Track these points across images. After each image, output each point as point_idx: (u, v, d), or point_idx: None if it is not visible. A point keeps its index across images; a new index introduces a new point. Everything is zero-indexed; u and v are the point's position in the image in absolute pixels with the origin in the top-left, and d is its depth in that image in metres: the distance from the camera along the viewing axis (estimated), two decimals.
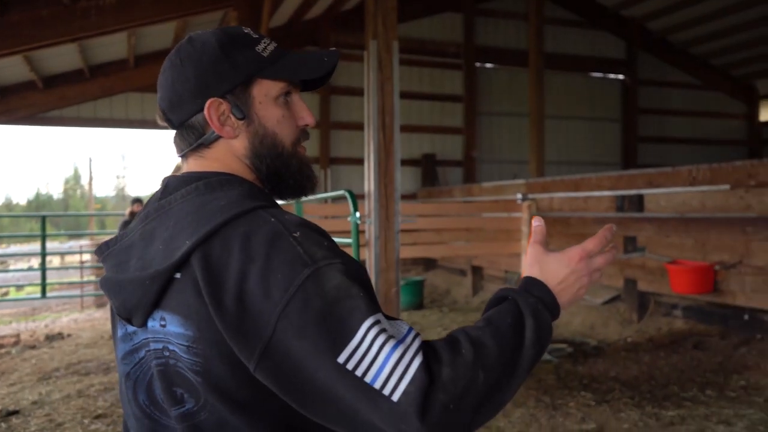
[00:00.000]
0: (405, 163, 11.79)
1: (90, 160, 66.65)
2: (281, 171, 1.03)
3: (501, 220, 8.62)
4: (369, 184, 3.44)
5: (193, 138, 1.01)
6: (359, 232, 3.69)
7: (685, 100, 14.21)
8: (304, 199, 3.96)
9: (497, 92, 12.54)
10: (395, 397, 0.76)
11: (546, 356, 5.63)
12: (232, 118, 1.00)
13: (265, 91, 1.01)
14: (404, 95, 11.71)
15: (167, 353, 0.91)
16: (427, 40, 11.97)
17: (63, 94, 9.22)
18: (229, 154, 1.01)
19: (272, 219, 0.89)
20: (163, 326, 0.90)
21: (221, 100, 0.99)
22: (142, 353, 0.96)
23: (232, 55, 0.99)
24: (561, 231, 7.62)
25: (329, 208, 7.65)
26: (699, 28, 12.75)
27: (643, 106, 13.63)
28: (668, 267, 5.77)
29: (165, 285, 0.89)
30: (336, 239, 3.88)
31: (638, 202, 6.45)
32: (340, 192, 3.67)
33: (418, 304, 8.75)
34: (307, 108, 1.06)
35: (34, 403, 4.89)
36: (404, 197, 11.67)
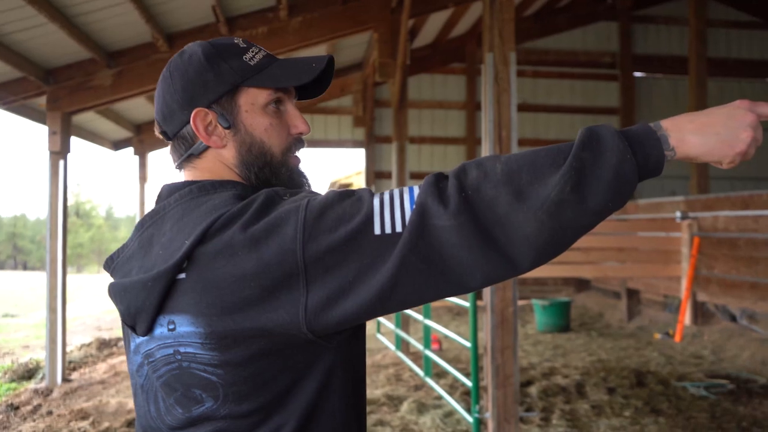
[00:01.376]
0: None
1: None
2: (271, 180, 1.02)
3: (658, 240, 7.98)
4: None
5: (183, 149, 1.03)
6: None
7: None
8: None
9: (658, 103, 11.65)
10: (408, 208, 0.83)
11: (701, 392, 5.06)
12: (219, 127, 1.00)
13: (251, 100, 1.01)
14: (555, 109, 11.42)
15: (179, 356, 0.91)
16: (579, 51, 11.47)
17: None
18: (219, 163, 1.02)
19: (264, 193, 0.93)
20: (172, 330, 0.91)
21: (207, 110, 1.00)
22: (150, 363, 0.97)
23: (217, 65, 1.00)
24: (727, 254, 6.85)
25: None
26: None
27: None
28: None
29: (168, 286, 0.90)
30: None
31: None
32: None
33: (564, 327, 8.32)
34: (300, 116, 1.05)
35: None
36: None
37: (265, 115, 1.02)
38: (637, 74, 11.58)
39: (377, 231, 0.83)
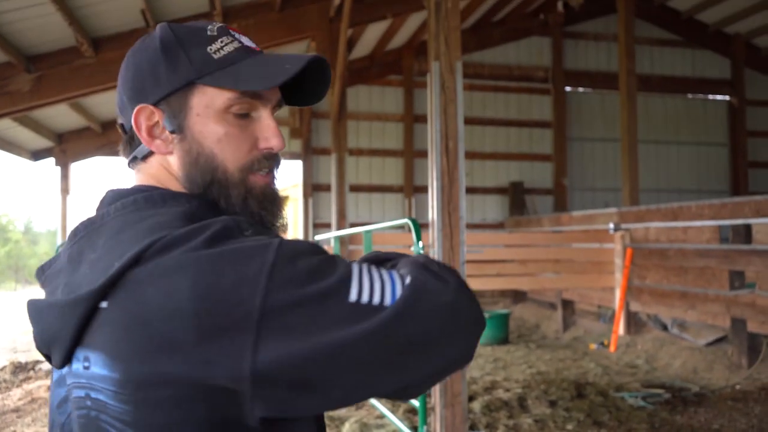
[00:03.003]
0: (492, 191, 11.50)
1: None
2: (218, 201, 0.84)
3: (592, 252, 8.14)
4: (432, 212, 3.24)
5: (130, 148, 0.89)
6: None
7: None
8: (368, 228, 3.71)
9: (588, 117, 12.00)
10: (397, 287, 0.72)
11: (639, 402, 5.13)
12: (166, 131, 0.84)
13: (206, 102, 0.83)
14: (490, 122, 11.57)
15: (89, 402, 0.74)
16: (513, 65, 11.68)
17: None
18: (164, 171, 0.86)
19: (216, 226, 0.75)
20: (87, 368, 0.74)
21: (153, 108, 0.84)
22: (69, 402, 0.79)
23: (174, 55, 0.83)
24: (658, 264, 7.04)
25: (393, 237, 7.49)
26: None
27: (752, 129, 12.58)
28: None
29: (88, 316, 0.72)
30: None
31: (745, 233, 5.83)
32: (404, 221, 3.50)
33: (503, 339, 8.35)
34: (275, 128, 0.86)
35: None
36: (491, 226, 11.38)
37: (222, 122, 0.83)
38: (568, 88, 11.89)
39: (353, 298, 0.69)
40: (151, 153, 0.87)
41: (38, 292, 0.84)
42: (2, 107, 5.90)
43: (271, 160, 0.87)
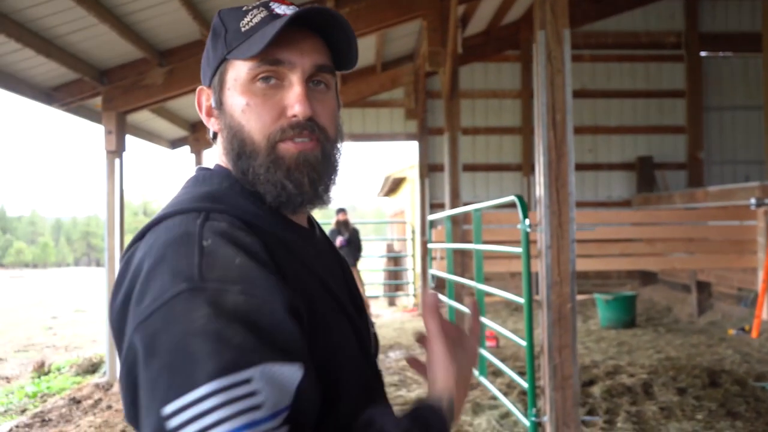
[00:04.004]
0: (617, 167, 10.91)
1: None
2: (253, 172, 0.83)
3: (731, 229, 7.51)
4: (539, 188, 3.12)
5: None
6: (530, 242, 3.38)
7: None
8: (476, 206, 3.66)
9: (728, 84, 10.96)
10: None
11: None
12: (215, 109, 0.88)
13: (235, 75, 0.84)
14: (615, 94, 10.93)
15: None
16: (641, 32, 10.90)
17: None
18: (221, 150, 0.90)
19: (197, 221, 0.76)
20: None
21: (207, 89, 0.89)
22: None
23: (218, 36, 0.87)
24: None
25: (502, 216, 7.27)
26: None
27: None
28: None
29: None
30: (507, 249, 3.58)
31: None
32: (510, 198, 3.40)
33: (629, 322, 7.94)
34: (300, 94, 0.82)
35: None
36: (617, 204, 10.79)
37: (246, 92, 0.83)
38: (704, 53, 10.93)
39: (166, 412, 0.62)
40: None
41: None
42: (141, 99, 6.41)
43: (299, 127, 0.83)
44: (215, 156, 0.91)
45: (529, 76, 10.74)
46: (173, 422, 0.61)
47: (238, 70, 0.84)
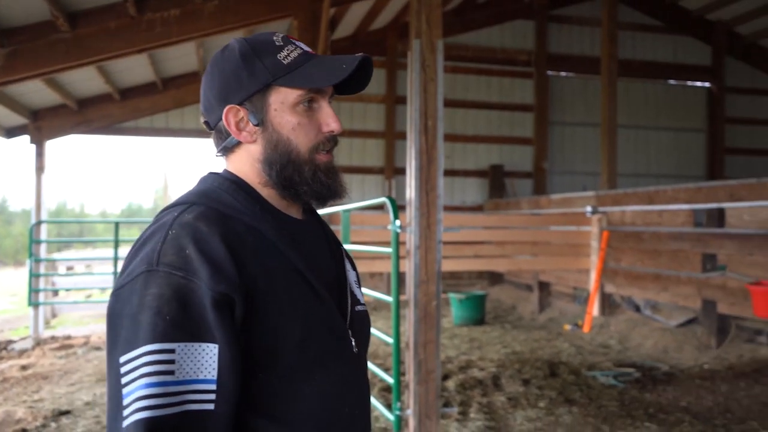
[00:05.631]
0: (472, 174, 11.55)
1: (165, 170, 69.51)
2: (293, 177, 1.06)
3: (569, 234, 8.24)
4: (410, 191, 3.26)
5: (220, 141, 1.10)
6: (401, 242, 3.51)
7: None
8: (345, 207, 3.72)
9: (570, 101, 12.06)
10: (124, 423, 0.83)
11: (610, 380, 5.24)
12: (250, 124, 1.06)
13: (281, 99, 1.04)
14: (472, 105, 11.58)
15: None
16: (497, 48, 11.67)
17: (137, 105, 9.54)
18: (245, 158, 1.08)
19: (176, 213, 0.98)
20: None
21: (239, 107, 1.05)
22: None
23: (251, 63, 1.04)
24: (634, 246, 7.16)
25: (371, 217, 7.49)
26: None
27: (731, 116, 12.73)
28: (751, 288, 5.26)
29: None
30: (377, 249, 3.68)
31: (719, 217, 5.94)
32: (382, 200, 3.52)
33: (479, 320, 8.45)
34: (333, 114, 1.08)
35: (87, 403, 4.98)
36: (470, 209, 11.43)
37: (294, 113, 1.05)
38: (550, 72, 11.92)
39: (121, 360, 0.87)
40: (238, 144, 1.08)
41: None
42: None
43: (332, 141, 1.09)
44: (229, 165, 1.11)
45: (394, 82, 11.08)
46: (123, 368, 0.86)
47: (285, 95, 1.04)
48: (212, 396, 0.86)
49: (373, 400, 4.08)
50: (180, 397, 0.84)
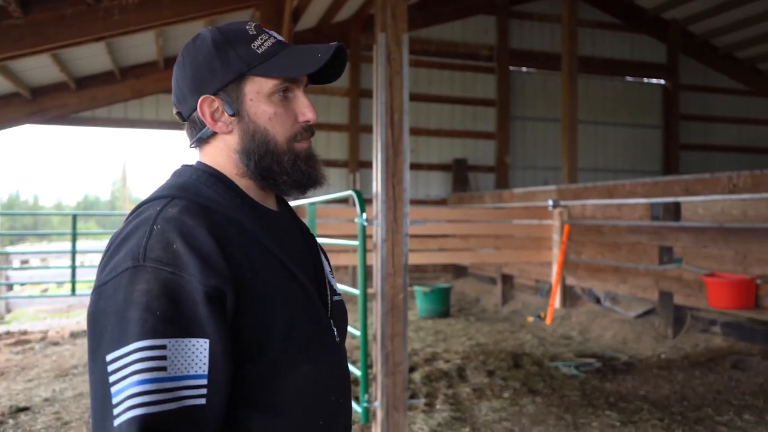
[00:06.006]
0: (435, 168, 11.60)
1: (124, 162, 68.02)
2: (272, 167, 1.05)
3: (531, 228, 8.35)
4: (376, 184, 3.26)
5: (194, 132, 1.08)
6: (367, 235, 3.51)
7: (731, 106, 13.60)
8: (311, 200, 3.69)
9: (531, 96, 12.22)
10: (116, 422, 0.82)
11: (572, 371, 5.35)
12: (226, 114, 1.04)
13: (257, 88, 1.03)
14: (435, 99, 11.62)
15: None
16: (459, 42, 11.74)
17: (94, 95, 9.29)
18: (221, 149, 1.07)
19: (158, 207, 0.96)
20: None
21: (214, 97, 1.04)
22: None
23: (225, 53, 1.02)
24: (594, 240, 7.30)
25: (337, 211, 7.47)
26: (745, 30, 12.20)
27: (685, 113, 13.11)
28: (706, 280, 5.43)
29: None
30: (344, 242, 3.68)
31: (675, 210, 6.10)
32: (348, 193, 3.50)
33: (444, 312, 8.52)
34: (308, 104, 1.07)
35: (46, 400, 4.85)
36: (434, 203, 11.49)
37: (270, 103, 1.04)
38: (512, 68, 12.05)
39: (108, 358, 0.85)
40: (213, 135, 1.07)
41: None
42: None
43: (309, 130, 1.09)
44: (203, 156, 1.09)
45: (358, 75, 11.04)
46: (111, 366, 0.84)
47: (260, 85, 1.03)
48: (204, 391, 0.85)
49: None
50: (173, 393, 0.83)
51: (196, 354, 0.85)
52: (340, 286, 4.05)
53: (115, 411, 0.82)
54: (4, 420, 4.36)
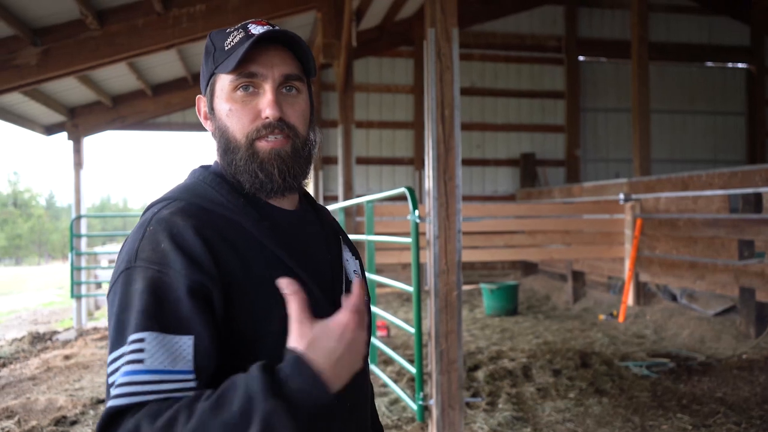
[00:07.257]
0: (503, 163, 11.42)
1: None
2: (233, 165, 1.04)
3: (602, 222, 8.09)
4: (428, 181, 3.24)
5: None
6: (419, 233, 3.50)
7: None
8: (368, 198, 3.70)
9: (602, 87, 11.81)
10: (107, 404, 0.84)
11: (643, 371, 5.14)
12: (209, 113, 1.09)
13: (221, 85, 1.05)
14: (502, 93, 11.44)
15: None
16: (526, 34, 11.49)
17: (169, 101, 9.69)
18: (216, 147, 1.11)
19: (155, 210, 0.99)
20: None
21: (203, 97, 1.10)
22: None
23: (209, 54, 1.07)
24: (668, 234, 6.98)
25: (393, 208, 7.44)
26: None
27: None
28: None
29: None
30: (397, 240, 3.66)
31: (756, 202, 5.75)
32: (401, 190, 3.50)
33: (511, 310, 8.37)
34: (271, 100, 1.02)
35: None
36: (502, 198, 11.32)
37: (229, 99, 1.03)
38: (581, 58, 11.69)
39: (112, 357, 0.88)
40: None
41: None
42: (10, 81, 5.93)
43: (271, 127, 1.02)
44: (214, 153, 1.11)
45: (422, 72, 11.00)
46: (110, 368, 0.87)
47: (223, 82, 1.04)
48: (190, 384, 0.85)
49: (399, 390, 4.09)
50: (146, 386, 0.82)
51: (179, 350, 0.85)
52: (397, 284, 4.06)
53: (111, 393, 0.85)
54: (86, 411, 4.62)
